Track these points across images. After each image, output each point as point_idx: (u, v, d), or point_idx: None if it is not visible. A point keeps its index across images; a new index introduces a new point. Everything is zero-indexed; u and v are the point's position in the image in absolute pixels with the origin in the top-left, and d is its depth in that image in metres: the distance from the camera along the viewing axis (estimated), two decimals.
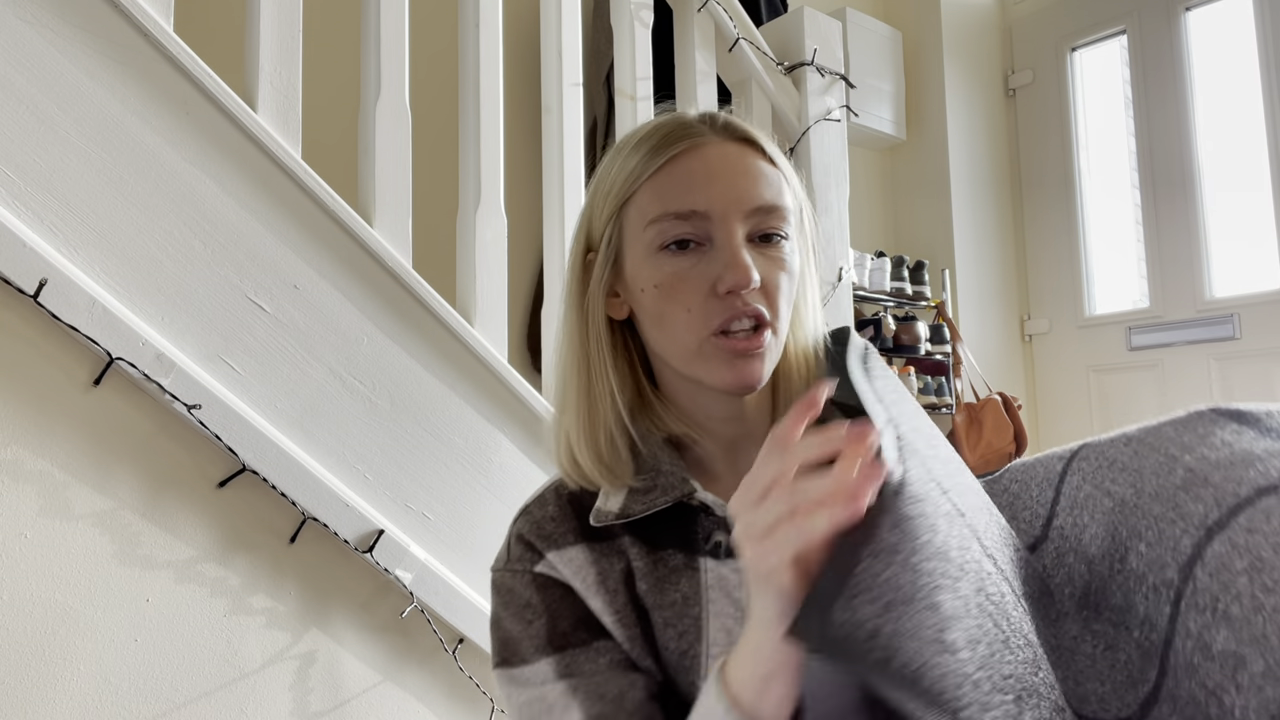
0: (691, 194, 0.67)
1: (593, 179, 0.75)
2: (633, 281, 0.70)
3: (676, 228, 0.66)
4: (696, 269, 0.66)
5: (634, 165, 0.69)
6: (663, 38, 1.92)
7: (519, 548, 0.71)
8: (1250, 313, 2.81)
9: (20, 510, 1.00)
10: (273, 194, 1.18)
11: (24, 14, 1.01)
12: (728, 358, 0.66)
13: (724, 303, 0.65)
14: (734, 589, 0.67)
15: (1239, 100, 2.92)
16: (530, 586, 0.70)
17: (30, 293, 0.98)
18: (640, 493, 0.69)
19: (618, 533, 0.70)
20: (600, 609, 0.68)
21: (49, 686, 1.01)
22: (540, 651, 0.67)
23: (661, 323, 0.68)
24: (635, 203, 0.69)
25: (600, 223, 0.72)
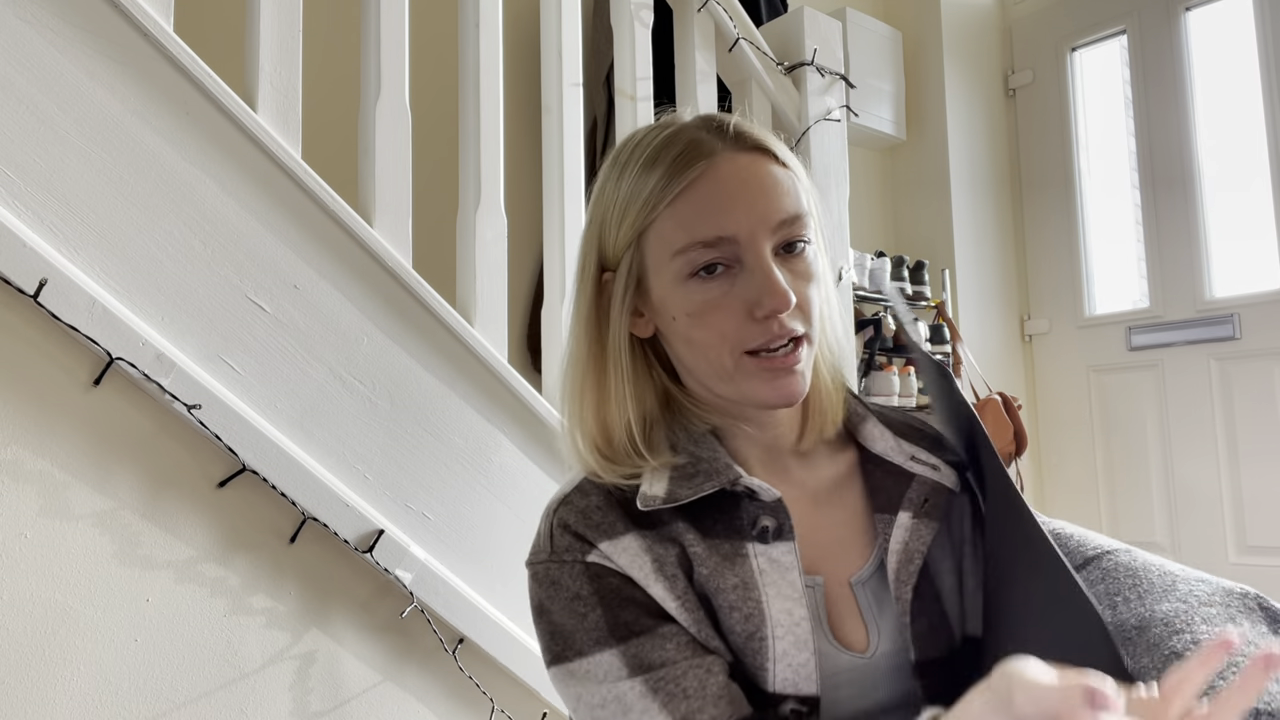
0: (716, 219, 0.66)
1: (597, 193, 0.74)
2: (661, 307, 0.70)
3: (705, 255, 0.66)
4: (730, 294, 0.66)
5: (650, 189, 0.68)
6: (663, 38, 1.92)
7: (566, 538, 0.69)
8: (1250, 313, 2.81)
9: (20, 510, 1.00)
10: (273, 194, 1.18)
11: (24, 14, 1.01)
12: (767, 376, 0.67)
13: (761, 326, 0.66)
14: (788, 570, 0.67)
15: (1239, 100, 2.92)
16: (581, 578, 0.67)
17: (30, 293, 0.98)
18: (683, 477, 0.69)
19: (668, 519, 0.69)
20: (662, 596, 0.66)
21: (49, 686, 1.01)
22: (601, 644, 0.65)
23: (695, 348, 0.68)
24: (656, 230, 0.68)
25: (617, 246, 0.71)
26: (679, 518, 0.69)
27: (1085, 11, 3.25)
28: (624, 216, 0.70)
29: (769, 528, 0.68)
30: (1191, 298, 2.93)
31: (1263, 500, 2.72)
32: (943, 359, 2.87)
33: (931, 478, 0.74)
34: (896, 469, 0.75)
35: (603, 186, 0.73)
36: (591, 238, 0.74)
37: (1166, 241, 3.00)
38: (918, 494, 0.73)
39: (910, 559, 0.70)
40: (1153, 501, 2.94)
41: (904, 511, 0.72)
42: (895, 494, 0.73)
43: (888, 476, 0.75)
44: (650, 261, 0.69)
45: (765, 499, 0.69)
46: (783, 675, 0.65)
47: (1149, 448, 2.97)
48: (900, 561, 0.70)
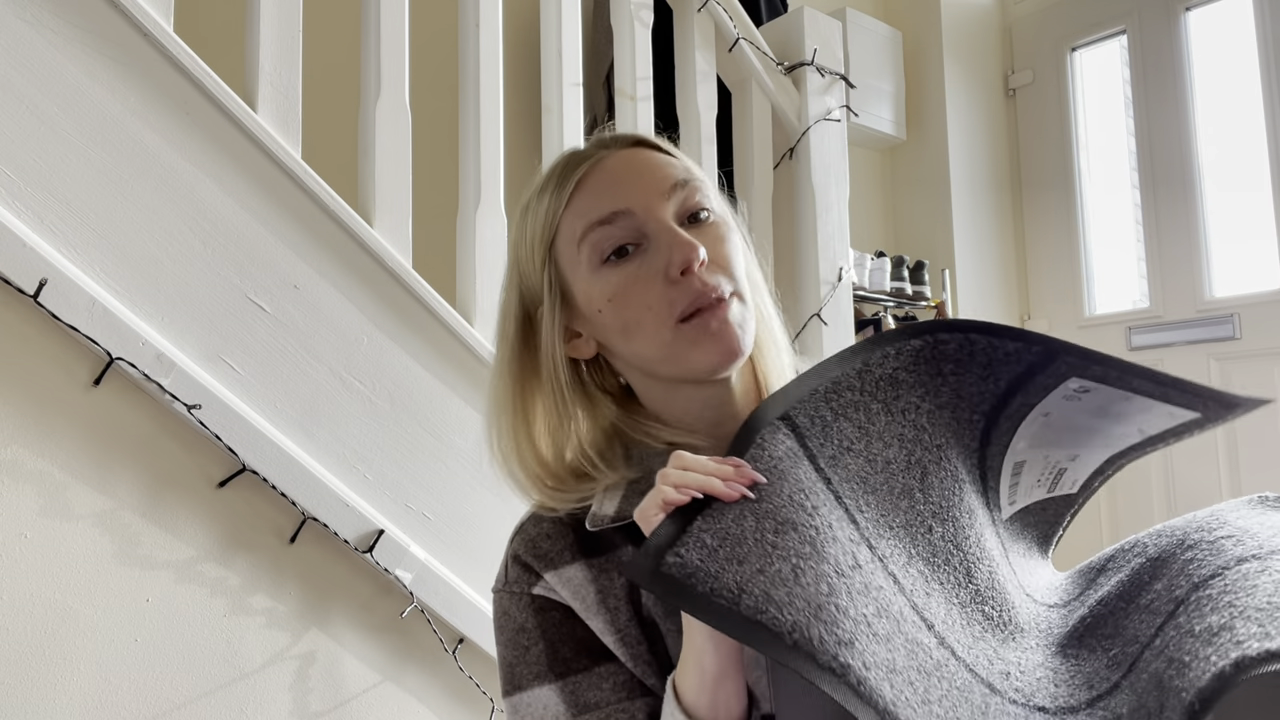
0: (608, 198, 0.67)
1: (510, 246, 0.75)
2: (587, 307, 0.69)
3: (607, 234, 0.66)
4: (643, 267, 0.66)
5: (547, 204, 0.70)
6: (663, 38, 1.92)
7: (515, 569, 0.70)
8: (1250, 313, 2.80)
9: (20, 510, 1.00)
10: (273, 194, 1.18)
11: (24, 14, 1.01)
12: (705, 339, 0.65)
13: (682, 287, 0.65)
14: None
15: (1239, 100, 2.91)
16: (527, 610, 0.68)
17: (30, 293, 0.98)
18: (636, 494, 0.68)
19: (618, 544, 0.68)
20: (602, 629, 0.66)
21: (49, 686, 1.01)
22: (540, 678, 0.66)
23: (628, 332, 0.67)
24: (561, 235, 0.69)
25: (534, 274, 0.71)
26: (629, 539, 0.68)
27: (1085, 11, 3.25)
28: (534, 242, 0.70)
29: None
30: (1191, 298, 2.93)
31: None
32: None
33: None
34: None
35: (512, 237, 0.75)
36: (511, 283, 0.74)
37: (1166, 241, 3.00)
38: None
39: None
40: (1153, 502, 2.94)
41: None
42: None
43: None
44: (564, 267, 0.69)
45: None
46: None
47: None
48: None
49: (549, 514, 0.71)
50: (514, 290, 0.73)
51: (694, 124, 1.77)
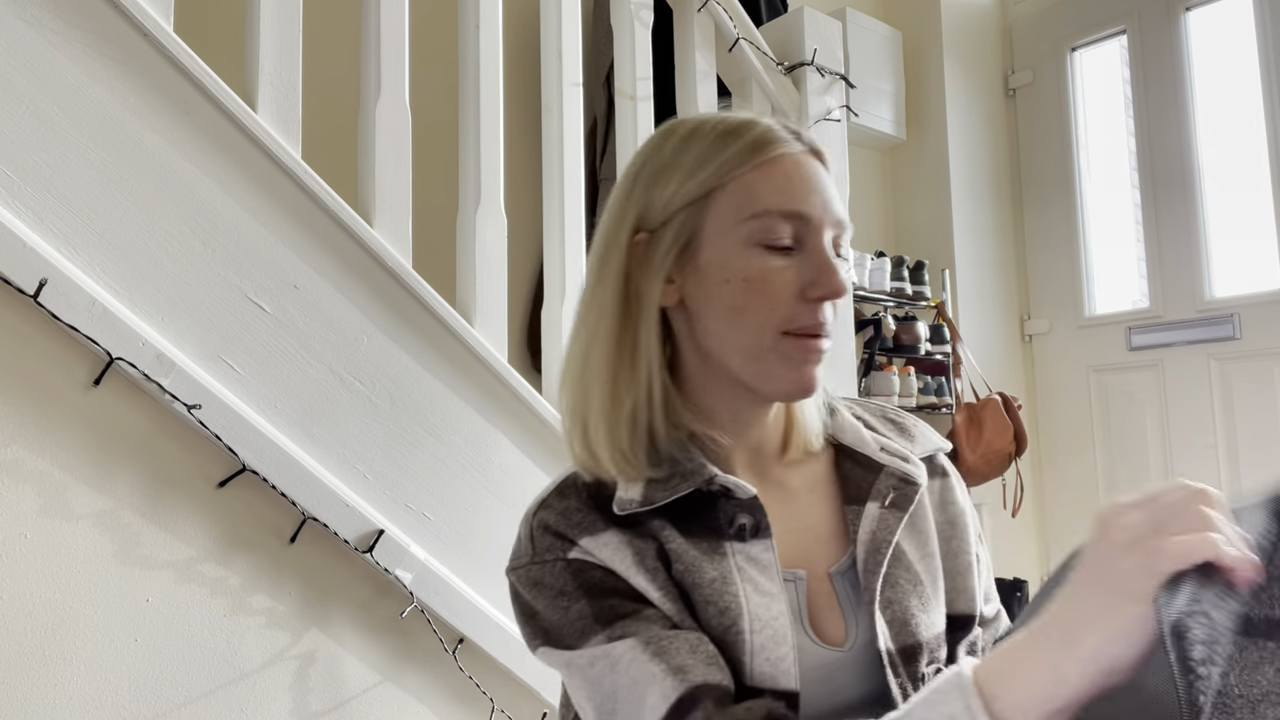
0: (796, 196, 0.68)
1: (645, 155, 0.74)
2: (712, 270, 0.69)
3: (780, 227, 0.68)
4: (788, 271, 0.68)
5: (730, 154, 0.69)
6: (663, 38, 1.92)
7: (546, 539, 0.69)
8: (1250, 313, 2.80)
9: (20, 510, 1.00)
10: (273, 194, 1.18)
11: (24, 14, 1.01)
12: (796, 361, 0.68)
13: (809, 308, 0.68)
14: (766, 567, 0.68)
15: (1239, 100, 2.91)
16: (564, 574, 0.68)
17: (30, 293, 0.98)
18: (659, 483, 0.69)
19: (645, 519, 0.69)
20: (644, 586, 0.67)
21: (49, 686, 1.01)
22: (587, 634, 0.66)
23: (738, 316, 0.68)
24: (728, 193, 0.69)
25: (669, 205, 0.70)
26: (657, 517, 0.70)
27: (1085, 11, 3.25)
28: (690, 175, 0.70)
29: (746, 525, 0.69)
30: (1191, 298, 2.93)
31: None
32: (943, 359, 2.87)
33: (900, 469, 0.74)
34: (867, 460, 0.76)
35: (655, 149, 0.73)
36: (630, 201, 0.72)
37: (1166, 241, 3.00)
38: (885, 484, 0.74)
39: (877, 549, 0.71)
40: None
41: (871, 502, 0.73)
42: (865, 485, 0.74)
43: (858, 467, 0.76)
44: (711, 223, 0.69)
45: (741, 496, 0.69)
46: (759, 669, 0.65)
47: (1149, 448, 2.97)
48: (868, 551, 0.71)
49: (571, 488, 0.72)
50: (629, 210, 0.73)
51: None
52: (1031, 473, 3.18)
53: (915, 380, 2.76)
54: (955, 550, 0.77)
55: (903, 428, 0.81)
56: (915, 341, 2.80)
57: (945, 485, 0.79)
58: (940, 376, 2.86)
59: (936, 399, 2.81)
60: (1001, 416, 2.75)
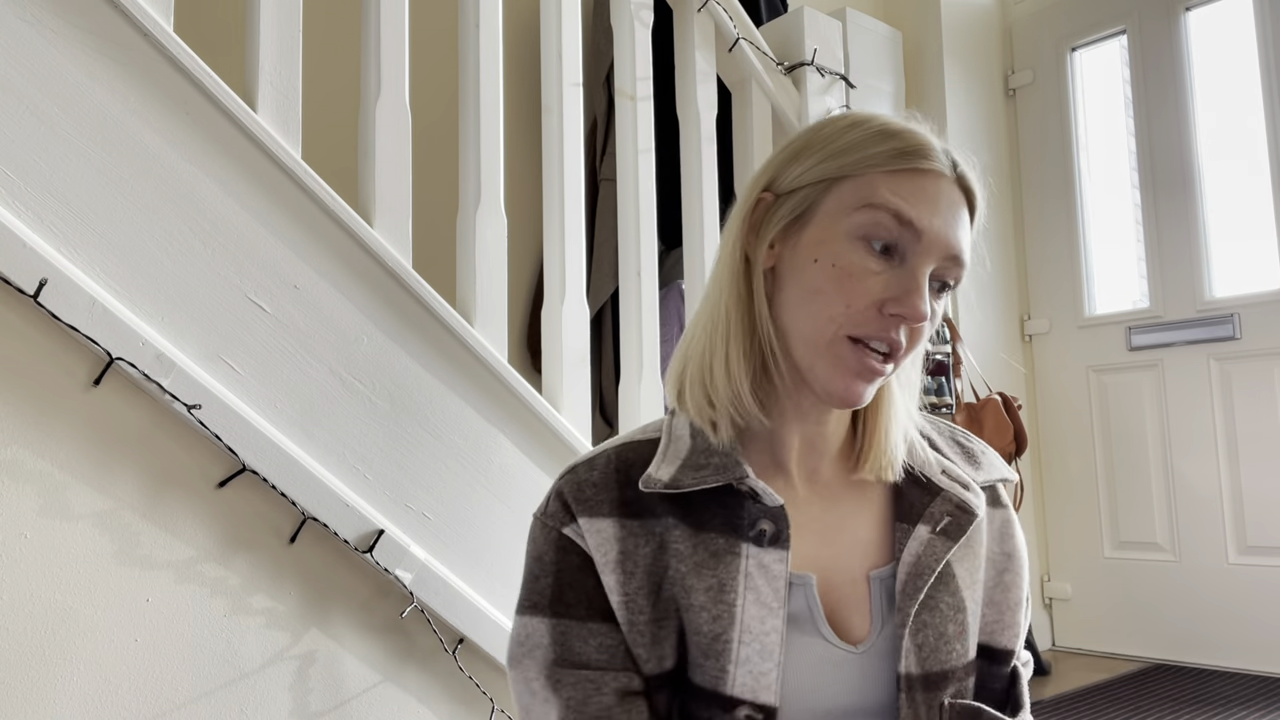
0: (918, 209, 0.67)
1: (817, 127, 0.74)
2: (810, 248, 0.69)
3: (889, 228, 0.67)
4: (878, 276, 0.67)
5: (875, 151, 0.69)
6: (663, 38, 1.92)
7: (556, 504, 0.72)
8: (1250, 313, 2.80)
9: (20, 510, 1.00)
10: (273, 194, 1.18)
11: (24, 14, 1.01)
12: (851, 366, 0.67)
13: (881, 321, 0.67)
14: (774, 578, 0.67)
15: (1239, 100, 2.91)
16: (552, 545, 0.71)
17: (30, 293, 0.98)
18: (692, 466, 0.70)
19: (659, 512, 0.70)
20: (611, 587, 0.68)
21: (49, 686, 1.01)
22: (538, 610, 0.70)
23: (813, 299, 0.68)
24: (857, 182, 0.68)
25: (801, 177, 0.71)
26: (672, 511, 0.70)
27: (1085, 11, 3.25)
28: (830, 157, 0.70)
29: (766, 531, 0.68)
30: (1191, 298, 2.93)
31: (1263, 500, 2.72)
32: (943, 359, 2.87)
33: (958, 495, 0.73)
34: (926, 480, 0.74)
35: (816, 129, 0.74)
36: (775, 161, 0.74)
37: (1166, 241, 3.00)
38: (940, 510, 0.72)
39: (920, 574, 0.70)
40: (1153, 501, 2.94)
41: (923, 525, 0.72)
42: (919, 505, 0.73)
43: (915, 486, 0.74)
44: (829, 205, 0.69)
45: (767, 503, 0.69)
46: (742, 680, 0.66)
47: (1149, 448, 2.97)
48: (910, 574, 0.70)
49: (603, 460, 0.73)
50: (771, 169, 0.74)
51: (694, 124, 1.77)
52: (1031, 473, 3.18)
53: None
54: (1008, 584, 0.76)
55: (970, 453, 0.80)
56: None
57: (1006, 518, 0.79)
58: (940, 377, 2.86)
59: (936, 399, 2.81)
60: (1001, 417, 2.75)
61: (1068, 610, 3.05)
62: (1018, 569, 0.77)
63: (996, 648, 0.75)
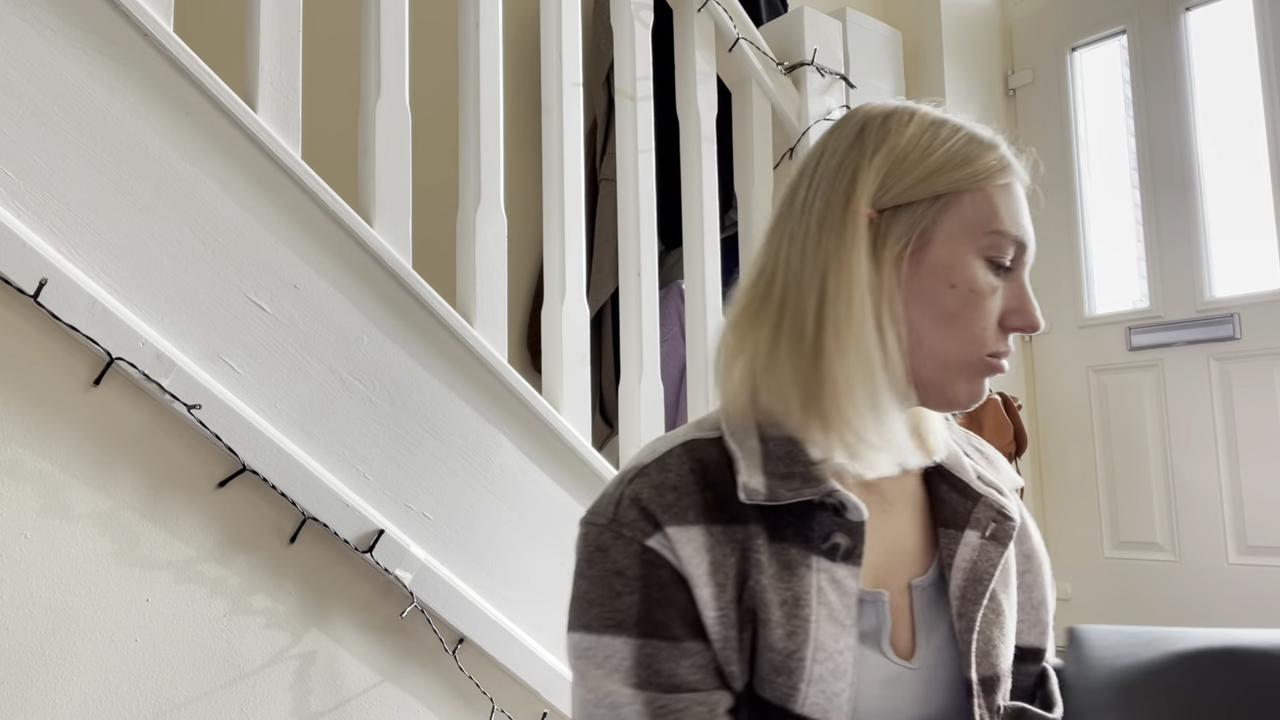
0: (1022, 225, 0.70)
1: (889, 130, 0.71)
2: (942, 271, 0.68)
3: (1008, 250, 0.69)
4: (998, 295, 0.69)
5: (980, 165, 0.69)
6: (663, 38, 1.92)
7: (634, 511, 0.65)
8: (1250, 313, 2.80)
9: (20, 510, 1.00)
10: (273, 194, 1.18)
11: (24, 14, 1.01)
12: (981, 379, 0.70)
13: (1004, 338, 0.70)
14: (846, 594, 0.65)
15: (1239, 100, 2.91)
16: (634, 557, 0.64)
17: (30, 293, 0.98)
18: (779, 476, 0.66)
19: (745, 517, 0.66)
20: (705, 601, 0.64)
21: (49, 686, 1.01)
22: (620, 629, 0.63)
23: (951, 323, 0.68)
24: (974, 200, 0.69)
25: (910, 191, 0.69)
26: (757, 518, 0.66)
27: (1085, 11, 3.25)
28: (941, 170, 0.69)
29: (840, 546, 0.66)
30: (1191, 298, 2.93)
31: (1263, 500, 2.72)
32: None
33: (997, 501, 0.73)
34: (963, 485, 0.74)
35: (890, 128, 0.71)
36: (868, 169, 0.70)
37: (1166, 241, 3.00)
38: (985, 515, 0.72)
39: (979, 579, 0.70)
40: (1153, 501, 2.94)
41: (971, 530, 0.72)
42: (961, 511, 0.73)
43: (953, 491, 0.74)
44: (951, 224, 0.68)
45: (850, 518, 0.67)
46: (813, 700, 0.64)
47: (1149, 448, 2.97)
48: (967, 580, 0.70)
49: (677, 462, 0.68)
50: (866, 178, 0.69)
51: (694, 124, 1.77)
52: (1031, 473, 3.18)
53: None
54: (1030, 584, 0.78)
55: (990, 459, 0.81)
56: None
57: (1023, 517, 0.80)
58: None
59: None
60: (1001, 417, 2.75)
61: (1068, 610, 3.05)
62: (1038, 569, 0.79)
63: (1024, 647, 0.77)
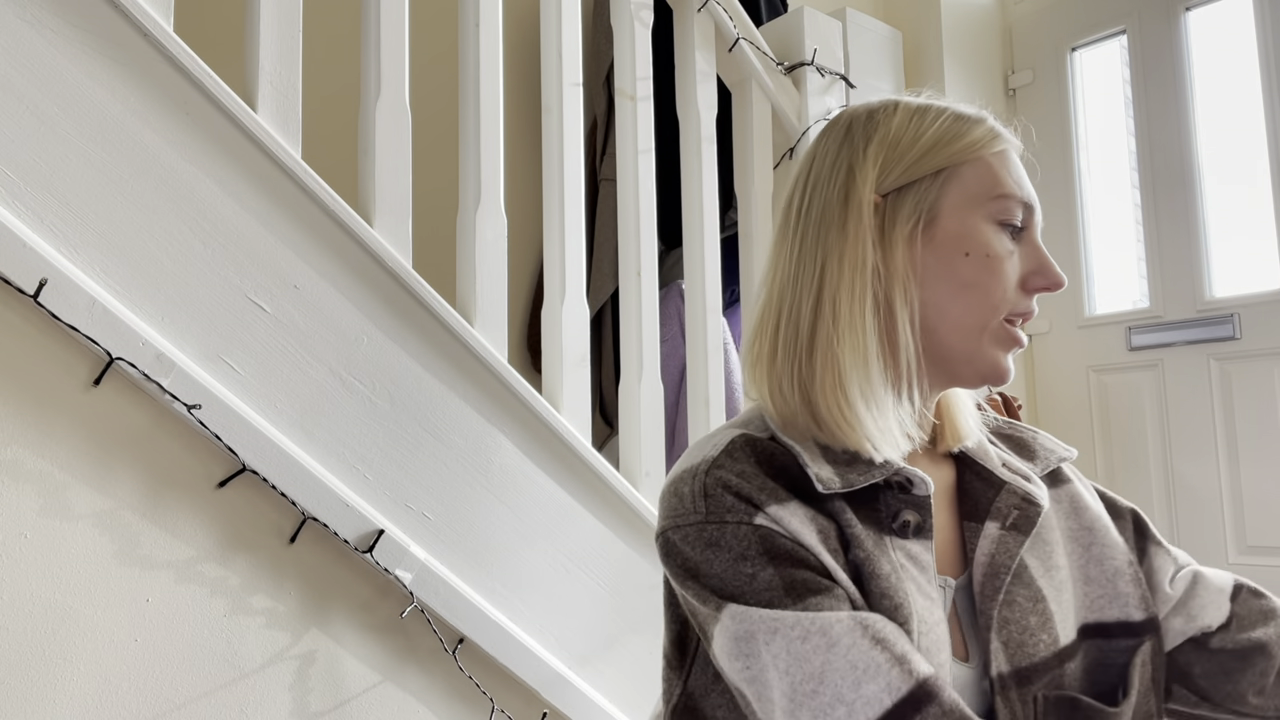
0: (1025, 186, 0.71)
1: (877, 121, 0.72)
2: (954, 242, 0.69)
3: (1018, 211, 0.70)
4: (1013, 255, 0.70)
5: (972, 136, 0.70)
6: (663, 38, 1.92)
7: (727, 498, 0.64)
8: (1250, 313, 2.80)
9: (20, 510, 1.00)
10: (273, 194, 1.18)
11: (24, 14, 1.01)
12: (1007, 346, 0.70)
13: (1026, 299, 0.70)
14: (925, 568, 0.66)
15: (1239, 100, 2.91)
16: (749, 538, 0.63)
17: (30, 293, 0.98)
18: (846, 465, 0.66)
19: (829, 497, 0.66)
20: (831, 566, 0.64)
21: (49, 686, 1.01)
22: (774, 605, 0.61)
23: (970, 291, 0.68)
24: (975, 169, 0.70)
25: (912, 170, 0.70)
26: (837, 498, 0.66)
27: (1085, 11, 3.25)
28: (934, 147, 0.70)
29: (910, 523, 0.66)
30: (1191, 298, 2.93)
31: (1263, 500, 2.72)
32: None
33: (1022, 488, 0.72)
34: (989, 474, 0.73)
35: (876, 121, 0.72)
36: (866, 158, 0.71)
37: (1166, 241, 3.00)
38: (1006, 504, 0.71)
39: (996, 573, 0.68)
40: (1153, 501, 2.94)
41: (991, 522, 0.70)
42: (984, 501, 0.71)
43: (979, 480, 0.73)
44: (953, 195, 0.70)
45: (917, 493, 0.67)
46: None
47: (1149, 448, 2.97)
48: (986, 575, 0.68)
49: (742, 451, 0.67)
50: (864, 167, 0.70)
51: (694, 124, 1.77)
52: None
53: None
54: (1098, 556, 0.74)
55: (1021, 443, 0.79)
56: None
57: (1073, 492, 0.77)
58: None
59: None
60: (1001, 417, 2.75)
61: None
62: (1103, 538, 0.74)
63: (1108, 622, 0.72)
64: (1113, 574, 0.73)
